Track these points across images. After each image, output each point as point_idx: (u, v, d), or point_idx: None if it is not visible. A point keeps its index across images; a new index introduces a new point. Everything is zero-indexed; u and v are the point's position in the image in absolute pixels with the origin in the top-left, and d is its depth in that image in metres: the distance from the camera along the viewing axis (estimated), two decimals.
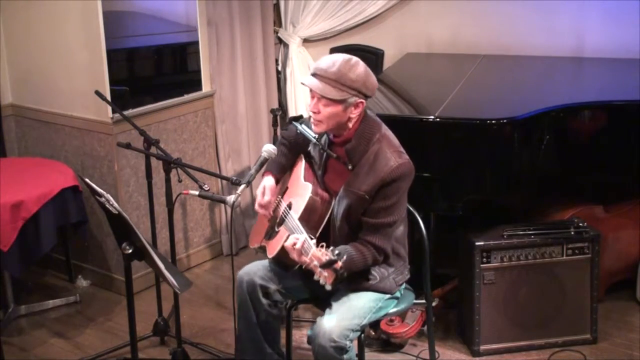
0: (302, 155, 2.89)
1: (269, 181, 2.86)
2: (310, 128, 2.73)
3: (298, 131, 2.82)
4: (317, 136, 2.74)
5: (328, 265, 2.36)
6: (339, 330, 2.56)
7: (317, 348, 2.57)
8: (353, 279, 2.70)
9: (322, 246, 2.39)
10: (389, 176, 2.57)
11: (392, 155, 2.60)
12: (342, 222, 2.67)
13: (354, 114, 2.61)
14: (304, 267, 2.52)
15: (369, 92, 2.60)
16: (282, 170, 2.93)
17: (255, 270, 2.82)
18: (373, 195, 2.59)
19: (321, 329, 2.57)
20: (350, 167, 2.65)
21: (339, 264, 2.37)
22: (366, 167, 2.61)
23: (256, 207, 2.84)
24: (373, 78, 2.61)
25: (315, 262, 2.38)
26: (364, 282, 2.71)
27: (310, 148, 2.85)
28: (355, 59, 2.59)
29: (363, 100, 2.60)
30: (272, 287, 2.81)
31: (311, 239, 2.48)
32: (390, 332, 3.44)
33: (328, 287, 2.43)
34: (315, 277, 2.42)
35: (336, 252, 2.36)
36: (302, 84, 2.63)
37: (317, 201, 2.69)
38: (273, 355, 2.89)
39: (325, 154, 2.75)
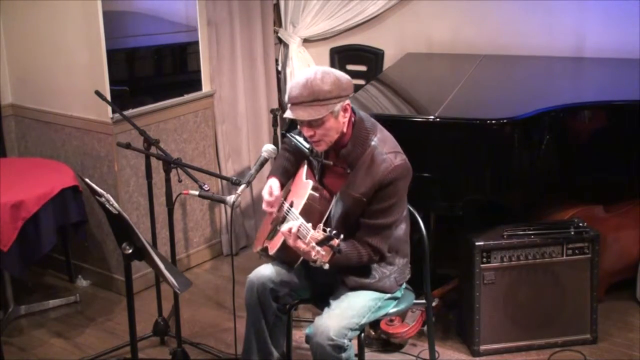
0: (305, 161, 2.91)
1: (274, 182, 2.85)
2: (305, 139, 2.73)
3: (293, 143, 2.83)
4: (310, 147, 2.74)
5: (325, 241, 2.36)
6: (337, 329, 2.56)
7: (315, 347, 2.57)
8: (352, 277, 2.71)
9: (319, 228, 2.41)
10: (386, 178, 2.57)
11: (389, 156, 2.60)
12: (338, 223, 2.67)
13: (345, 117, 2.61)
14: (302, 254, 2.52)
15: (348, 92, 2.60)
16: (285, 174, 2.92)
17: (266, 274, 2.81)
18: (370, 197, 2.60)
19: (319, 328, 2.57)
20: (348, 171, 2.65)
21: (336, 241, 2.35)
22: (363, 170, 2.61)
23: (264, 206, 2.82)
24: (344, 77, 2.60)
25: (313, 244, 2.39)
26: (363, 281, 2.72)
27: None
28: (319, 70, 2.58)
29: (348, 102, 2.60)
30: (283, 290, 2.81)
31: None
32: (390, 332, 3.44)
33: (326, 266, 2.43)
34: (313, 257, 2.41)
35: (334, 231, 2.37)
36: (286, 118, 2.63)
37: (316, 197, 2.70)
38: (278, 356, 2.89)
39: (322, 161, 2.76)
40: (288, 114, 2.58)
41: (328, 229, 2.38)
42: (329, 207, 2.71)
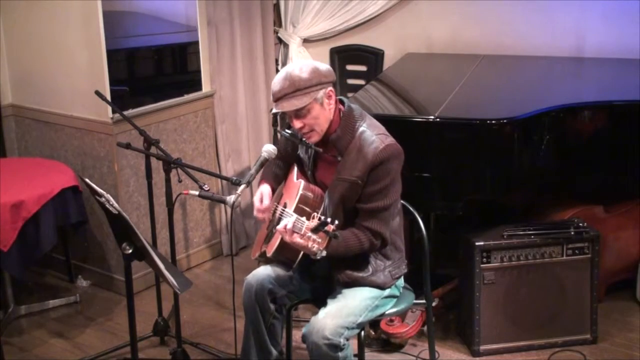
0: (295, 164, 2.94)
1: (265, 188, 2.89)
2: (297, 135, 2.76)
3: (283, 136, 2.86)
4: (300, 136, 2.75)
5: (320, 227, 2.37)
6: (333, 328, 2.56)
7: (311, 346, 2.58)
8: (346, 272, 2.71)
9: (314, 217, 2.42)
10: (377, 158, 2.59)
11: (378, 137, 2.63)
12: (335, 211, 2.68)
13: (331, 104, 2.66)
14: (300, 248, 2.52)
15: (329, 78, 2.65)
16: (277, 180, 2.97)
17: (264, 275, 2.82)
18: (365, 179, 2.61)
19: (315, 327, 2.58)
20: (339, 158, 2.67)
21: (331, 226, 2.37)
22: (354, 154, 2.63)
23: (255, 212, 2.86)
24: (324, 65, 2.67)
25: (309, 233, 2.40)
26: (356, 275, 2.72)
27: (300, 151, 2.88)
28: (297, 62, 2.66)
29: (330, 88, 2.65)
30: (280, 292, 2.82)
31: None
32: (390, 332, 3.44)
33: (323, 253, 2.44)
34: (310, 249, 2.42)
35: (328, 218, 2.38)
36: (273, 113, 2.73)
37: (309, 196, 2.73)
38: (277, 355, 2.89)
39: (313, 151, 2.78)
40: (274, 109, 2.65)
41: (322, 217, 2.39)
42: (322, 203, 2.72)
